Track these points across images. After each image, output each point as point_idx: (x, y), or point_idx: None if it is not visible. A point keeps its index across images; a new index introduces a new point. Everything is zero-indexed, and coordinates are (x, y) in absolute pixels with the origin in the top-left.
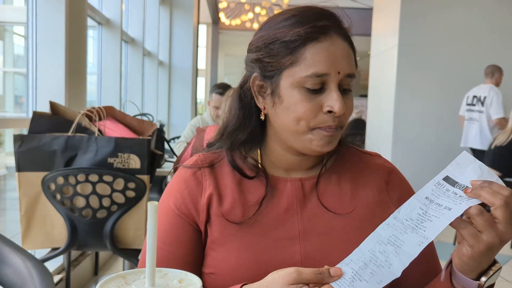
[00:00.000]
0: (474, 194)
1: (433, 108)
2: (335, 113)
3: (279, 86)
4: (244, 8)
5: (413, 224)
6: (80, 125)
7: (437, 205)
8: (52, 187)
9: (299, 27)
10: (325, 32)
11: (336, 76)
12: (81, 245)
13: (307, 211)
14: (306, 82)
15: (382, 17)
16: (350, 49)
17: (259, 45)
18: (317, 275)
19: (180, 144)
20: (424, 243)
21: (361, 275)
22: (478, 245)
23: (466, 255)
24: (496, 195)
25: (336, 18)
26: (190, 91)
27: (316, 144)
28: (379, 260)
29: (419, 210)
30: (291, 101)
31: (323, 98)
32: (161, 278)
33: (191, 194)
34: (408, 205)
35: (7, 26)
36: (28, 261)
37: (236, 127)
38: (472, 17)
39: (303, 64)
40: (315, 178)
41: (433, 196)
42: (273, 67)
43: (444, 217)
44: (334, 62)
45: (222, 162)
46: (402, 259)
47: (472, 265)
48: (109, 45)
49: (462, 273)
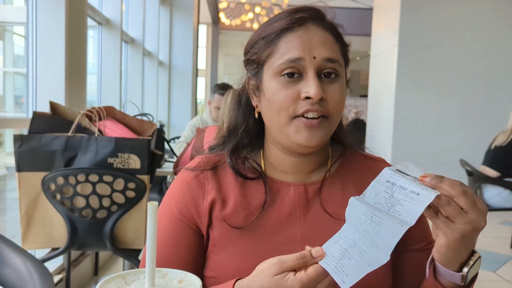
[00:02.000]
0: (433, 185)
1: (433, 108)
2: (312, 99)
3: (262, 80)
4: (244, 8)
5: (384, 208)
6: (80, 125)
7: (401, 188)
8: (52, 187)
9: (277, 22)
10: (301, 23)
11: (312, 61)
12: (81, 245)
13: (310, 217)
14: (282, 70)
15: (382, 17)
16: (331, 37)
17: (247, 47)
18: (299, 259)
19: (180, 144)
20: (405, 225)
21: (350, 253)
22: (452, 232)
23: (443, 245)
24: (454, 186)
25: (316, 11)
26: (190, 91)
27: (299, 137)
28: (367, 241)
29: (384, 194)
30: (271, 91)
31: (301, 85)
32: (160, 278)
33: (193, 198)
34: (372, 188)
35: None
36: (28, 261)
37: (237, 128)
38: (474, 16)
39: (278, 53)
40: (318, 183)
41: (393, 179)
42: (257, 64)
43: (416, 202)
44: (309, 47)
45: (225, 165)
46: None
47: (451, 256)
48: (109, 45)
49: (444, 267)
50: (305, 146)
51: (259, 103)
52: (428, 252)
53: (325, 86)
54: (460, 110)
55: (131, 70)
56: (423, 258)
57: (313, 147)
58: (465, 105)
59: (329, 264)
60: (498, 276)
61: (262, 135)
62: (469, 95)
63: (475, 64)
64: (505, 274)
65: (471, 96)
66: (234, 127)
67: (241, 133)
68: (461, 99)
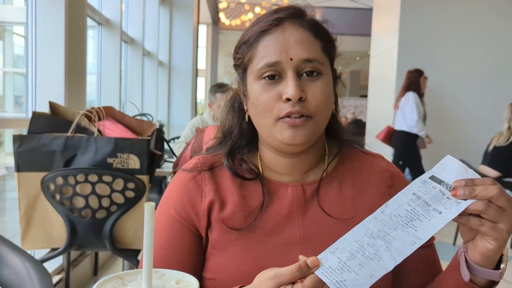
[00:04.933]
0: (467, 197)
1: (433, 109)
2: (292, 100)
3: (247, 85)
4: (244, 8)
5: (402, 221)
6: (79, 125)
7: (425, 204)
8: (51, 188)
9: (257, 25)
10: (277, 24)
11: (289, 63)
12: (80, 245)
13: (308, 217)
14: (262, 73)
15: (382, 17)
16: (310, 35)
17: (234, 52)
18: (296, 272)
19: (179, 144)
20: (417, 243)
21: (350, 266)
22: (501, 234)
23: (492, 250)
24: (487, 188)
25: (293, 9)
26: (190, 91)
27: (283, 136)
28: (367, 252)
29: (407, 206)
30: (254, 95)
31: (281, 87)
32: (158, 279)
33: (191, 200)
34: (396, 200)
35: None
36: (27, 261)
37: (231, 132)
38: (474, 16)
39: (257, 57)
40: (316, 183)
41: (420, 192)
42: (241, 68)
43: (436, 220)
44: (285, 50)
45: (222, 166)
46: (394, 256)
47: (496, 258)
48: (109, 45)
49: (484, 268)
50: (291, 145)
51: (248, 107)
52: (428, 249)
53: (306, 86)
54: (460, 111)
55: (130, 70)
56: (424, 255)
57: (298, 145)
58: (465, 105)
59: (329, 278)
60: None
61: (257, 137)
62: (468, 95)
63: (475, 65)
64: (505, 275)
65: (470, 97)
66: (229, 131)
67: (236, 136)
68: (460, 100)
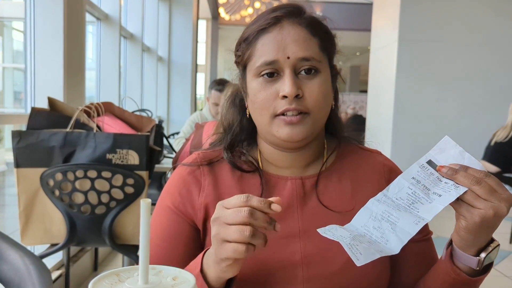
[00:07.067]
0: (449, 177)
1: (433, 104)
2: (288, 97)
3: (246, 82)
4: (243, 3)
5: (405, 203)
6: (78, 121)
7: (424, 188)
8: (50, 183)
9: (256, 23)
10: (276, 22)
11: (286, 61)
12: (80, 241)
13: (307, 210)
14: (261, 71)
15: (382, 12)
16: (307, 33)
17: (235, 49)
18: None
19: (179, 140)
20: (421, 222)
21: (360, 240)
22: (472, 216)
23: (462, 228)
24: (468, 176)
25: (292, 7)
26: (189, 87)
27: (281, 133)
28: (374, 236)
29: (408, 190)
30: (253, 92)
31: (279, 84)
32: (154, 275)
33: (189, 193)
34: (397, 184)
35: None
36: (26, 257)
37: (232, 127)
38: (475, 11)
39: (256, 55)
40: (315, 176)
41: (419, 177)
42: (241, 66)
43: (436, 202)
44: (283, 48)
45: (221, 160)
46: (400, 236)
47: (469, 239)
48: (108, 41)
49: (462, 250)
50: (289, 141)
51: (247, 103)
52: (425, 243)
53: (303, 83)
54: (460, 105)
55: (130, 66)
56: (421, 248)
57: (297, 142)
58: (465, 100)
59: (342, 241)
60: (497, 271)
61: (257, 132)
62: (469, 90)
63: (475, 59)
64: (504, 269)
65: (471, 91)
66: (230, 126)
67: (236, 130)
68: (461, 94)
